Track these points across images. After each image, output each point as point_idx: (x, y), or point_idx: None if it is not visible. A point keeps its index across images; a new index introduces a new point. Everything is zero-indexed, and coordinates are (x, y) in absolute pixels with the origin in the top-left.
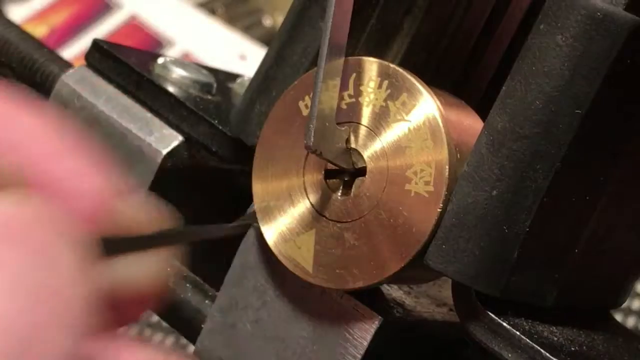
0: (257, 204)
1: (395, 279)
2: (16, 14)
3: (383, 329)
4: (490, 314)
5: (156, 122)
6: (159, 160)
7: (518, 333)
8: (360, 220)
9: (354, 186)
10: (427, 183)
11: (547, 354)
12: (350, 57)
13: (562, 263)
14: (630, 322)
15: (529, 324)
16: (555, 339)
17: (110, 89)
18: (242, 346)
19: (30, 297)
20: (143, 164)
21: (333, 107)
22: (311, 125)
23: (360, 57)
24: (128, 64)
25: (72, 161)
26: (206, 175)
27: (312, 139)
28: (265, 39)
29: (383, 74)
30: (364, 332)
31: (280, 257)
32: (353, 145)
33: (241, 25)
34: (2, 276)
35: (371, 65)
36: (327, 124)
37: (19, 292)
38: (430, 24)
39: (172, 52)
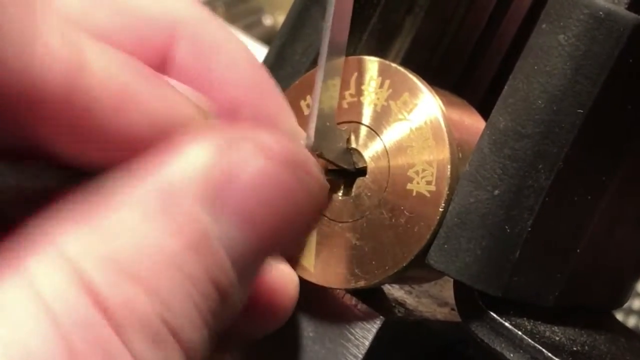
0: None
1: (397, 278)
2: None
3: (385, 328)
4: (492, 313)
5: None
6: None
7: (520, 333)
8: (362, 220)
9: (354, 186)
10: (428, 182)
11: (549, 354)
12: (351, 57)
13: (563, 263)
14: (631, 321)
15: (531, 323)
16: (557, 338)
17: None
18: (244, 346)
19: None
20: None
21: (333, 106)
22: (311, 126)
23: (361, 57)
24: None
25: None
26: None
27: (312, 139)
28: (265, 38)
29: (384, 74)
30: (366, 332)
31: (282, 257)
32: (354, 145)
33: (241, 24)
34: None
35: (372, 65)
36: (327, 123)
37: None
38: (431, 23)
39: None
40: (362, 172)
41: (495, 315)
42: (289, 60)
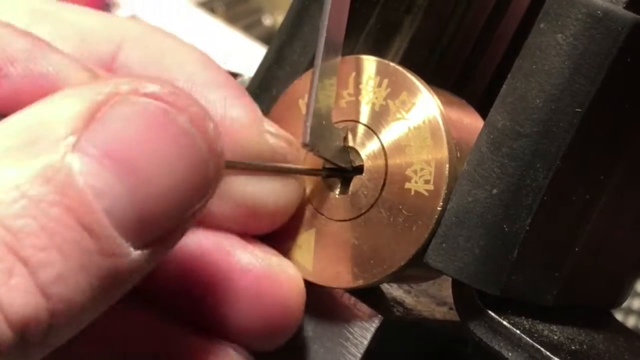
0: None
1: (396, 277)
2: None
3: (383, 328)
4: (490, 312)
5: None
6: None
7: (518, 332)
8: (360, 219)
9: (351, 184)
10: (427, 182)
11: (548, 353)
12: (349, 56)
13: (562, 262)
14: (631, 321)
15: (529, 322)
16: (556, 337)
17: None
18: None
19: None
20: None
21: (330, 105)
22: (307, 124)
23: (359, 56)
24: None
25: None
26: None
27: (308, 138)
28: (265, 38)
29: (383, 73)
30: (364, 331)
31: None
32: (351, 144)
33: (241, 24)
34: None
35: (371, 64)
36: (324, 122)
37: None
38: (430, 23)
39: None
40: (359, 170)
41: (493, 315)
42: (288, 60)
